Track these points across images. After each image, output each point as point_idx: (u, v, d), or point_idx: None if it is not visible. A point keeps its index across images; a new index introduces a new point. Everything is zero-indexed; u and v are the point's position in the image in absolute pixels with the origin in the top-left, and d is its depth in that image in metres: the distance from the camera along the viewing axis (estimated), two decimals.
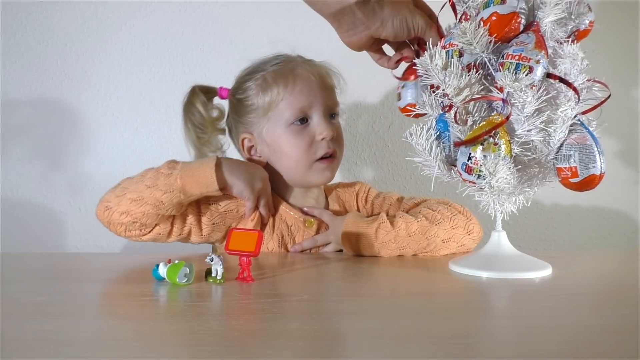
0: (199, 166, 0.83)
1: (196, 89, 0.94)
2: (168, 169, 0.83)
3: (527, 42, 0.68)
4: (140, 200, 0.81)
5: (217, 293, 0.63)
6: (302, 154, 0.89)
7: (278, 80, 0.89)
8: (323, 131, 0.88)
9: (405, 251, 0.85)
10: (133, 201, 0.81)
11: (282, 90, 0.89)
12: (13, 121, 1.28)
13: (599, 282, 0.73)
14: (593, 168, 0.66)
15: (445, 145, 0.74)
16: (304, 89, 0.89)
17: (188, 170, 0.82)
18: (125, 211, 0.82)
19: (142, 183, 0.82)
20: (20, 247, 1.26)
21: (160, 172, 0.82)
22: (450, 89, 0.70)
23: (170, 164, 0.84)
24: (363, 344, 0.46)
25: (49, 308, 0.56)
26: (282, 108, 0.89)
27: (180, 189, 0.81)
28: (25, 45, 1.28)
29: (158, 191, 0.81)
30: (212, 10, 1.31)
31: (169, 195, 0.81)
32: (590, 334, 0.50)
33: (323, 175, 0.91)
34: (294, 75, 0.89)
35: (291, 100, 0.88)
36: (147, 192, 0.81)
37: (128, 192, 0.82)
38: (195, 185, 0.82)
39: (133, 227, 0.83)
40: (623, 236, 1.41)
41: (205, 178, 0.82)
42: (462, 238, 0.87)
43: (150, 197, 0.81)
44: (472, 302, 0.62)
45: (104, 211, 0.83)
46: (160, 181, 0.81)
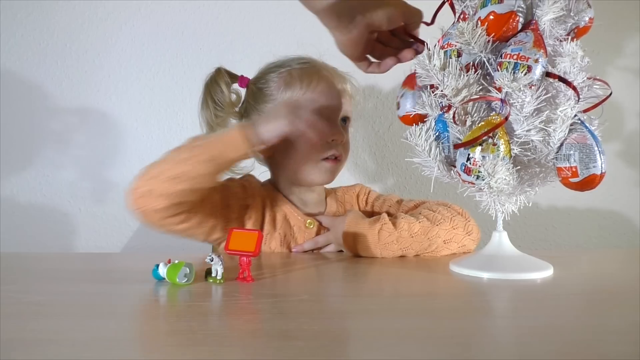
0: (226, 131, 0.82)
1: (222, 70, 0.98)
2: (196, 140, 0.80)
3: (526, 41, 0.67)
4: (177, 177, 0.77)
5: (217, 293, 0.63)
6: (312, 150, 0.90)
7: (303, 78, 0.92)
8: (335, 133, 0.90)
9: (407, 252, 0.85)
10: (170, 180, 0.77)
11: (305, 87, 0.91)
12: (13, 121, 1.27)
13: (599, 283, 0.73)
14: (593, 167, 0.65)
15: (444, 146, 0.74)
16: (325, 91, 0.92)
17: (217, 136, 0.81)
18: (163, 192, 0.78)
19: (172, 160, 0.79)
20: (20, 247, 1.26)
21: (188, 146, 0.80)
22: (448, 89, 0.69)
23: (197, 136, 0.82)
24: (363, 344, 0.46)
25: (49, 308, 0.56)
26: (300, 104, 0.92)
27: (214, 157, 0.78)
28: (25, 45, 1.28)
29: (192, 165, 0.77)
30: (212, 10, 1.31)
31: (204, 166, 0.78)
32: (590, 334, 0.50)
33: (325, 175, 0.93)
34: (318, 76, 0.92)
35: (311, 97, 0.91)
36: (182, 168, 0.77)
37: (161, 173, 0.78)
38: (227, 150, 0.79)
39: (168, 212, 0.80)
40: (623, 236, 1.41)
41: (236, 140, 0.79)
42: (462, 239, 0.88)
43: (186, 172, 0.77)
44: (472, 302, 0.62)
45: (138, 198, 0.79)
46: (193, 153, 0.78)
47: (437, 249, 0.87)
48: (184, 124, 1.31)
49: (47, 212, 1.29)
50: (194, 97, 1.31)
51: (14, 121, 1.27)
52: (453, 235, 0.87)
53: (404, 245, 0.84)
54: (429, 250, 0.86)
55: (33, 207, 1.28)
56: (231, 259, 0.70)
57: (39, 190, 1.29)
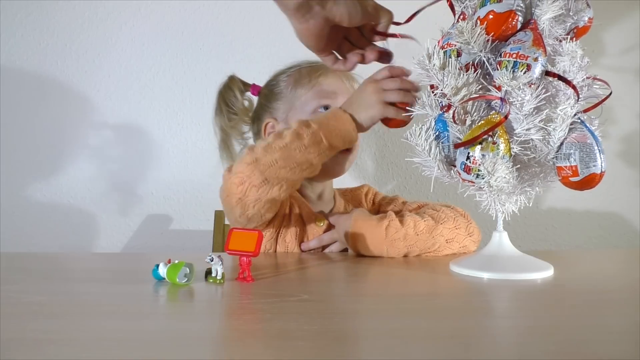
0: (335, 121, 0.83)
1: (235, 77, 1.03)
2: (306, 128, 0.81)
3: (525, 40, 0.67)
4: (296, 166, 0.80)
5: (217, 293, 0.62)
6: None
7: (312, 73, 0.97)
8: None
9: (412, 250, 0.86)
10: (290, 169, 0.80)
11: (314, 80, 0.96)
12: (13, 121, 1.27)
13: (599, 283, 0.73)
14: (594, 167, 0.65)
15: (444, 146, 0.74)
16: (332, 83, 0.96)
17: (328, 126, 0.82)
18: (284, 179, 0.81)
19: (288, 149, 0.80)
20: (20, 247, 1.26)
21: (301, 135, 0.80)
22: (448, 88, 0.70)
23: (303, 124, 0.82)
24: (363, 344, 0.46)
25: (49, 308, 0.56)
26: (310, 96, 0.96)
27: (329, 146, 0.81)
28: (25, 45, 1.27)
29: (310, 154, 0.80)
30: (212, 10, 1.31)
31: (320, 156, 0.81)
32: (590, 334, 0.50)
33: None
34: (326, 71, 0.97)
35: (319, 89, 0.96)
36: (300, 157, 0.80)
37: (279, 160, 0.80)
38: (340, 140, 0.83)
39: (267, 202, 0.82)
40: (623, 236, 1.41)
41: (347, 131, 0.83)
42: (464, 239, 0.89)
43: (305, 161, 0.80)
44: (472, 302, 0.62)
45: (261, 186, 0.81)
46: (307, 142, 0.80)
47: (439, 248, 0.87)
48: (184, 124, 1.31)
49: (47, 212, 1.29)
50: (194, 97, 1.32)
51: (14, 121, 1.27)
52: (455, 235, 0.88)
53: (409, 242, 0.85)
54: (431, 250, 0.87)
55: (33, 207, 1.28)
56: (231, 259, 0.70)
57: (39, 190, 1.29)
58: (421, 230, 0.85)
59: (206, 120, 1.30)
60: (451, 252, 0.88)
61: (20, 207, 1.28)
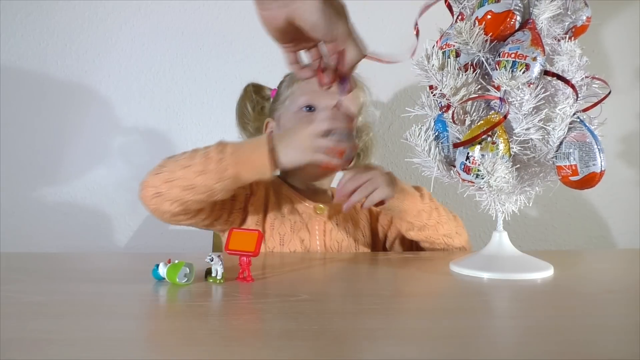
0: (251, 151, 0.79)
1: (248, 89, 1.05)
2: (218, 152, 0.79)
3: (523, 40, 0.68)
4: (192, 188, 0.78)
5: (217, 293, 0.62)
6: None
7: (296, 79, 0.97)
8: None
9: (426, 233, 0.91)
10: (184, 189, 0.78)
11: (300, 83, 0.95)
12: (13, 121, 1.27)
13: (599, 283, 0.73)
14: (593, 166, 0.66)
15: (444, 146, 0.74)
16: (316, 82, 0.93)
17: (240, 155, 0.78)
18: (177, 199, 0.79)
19: (190, 169, 0.78)
20: (20, 247, 1.26)
21: (210, 157, 0.78)
22: (447, 88, 0.70)
23: (219, 147, 0.80)
24: (363, 344, 0.46)
25: (49, 308, 0.56)
26: (297, 95, 0.95)
27: (234, 176, 0.78)
28: (25, 46, 1.27)
29: (210, 179, 0.78)
30: (212, 10, 1.31)
31: (221, 183, 0.78)
32: (590, 334, 0.50)
33: (316, 177, 0.97)
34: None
35: (304, 89, 0.94)
36: (199, 180, 0.78)
37: (177, 179, 0.79)
38: (249, 172, 0.79)
39: (180, 213, 0.82)
40: (623, 236, 1.41)
41: (261, 165, 0.78)
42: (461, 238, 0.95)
43: (202, 185, 0.78)
44: (472, 302, 0.62)
45: (153, 197, 0.80)
46: (211, 167, 0.78)
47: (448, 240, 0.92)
48: (183, 124, 1.31)
49: (47, 212, 1.29)
50: (194, 98, 1.32)
51: (14, 121, 1.27)
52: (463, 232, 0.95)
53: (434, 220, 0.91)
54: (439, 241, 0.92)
55: (33, 207, 1.28)
56: (231, 259, 0.70)
57: (39, 191, 1.29)
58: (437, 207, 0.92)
59: (206, 120, 1.31)
60: (459, 245, 0.93)
61: (20, 207, 1.28)
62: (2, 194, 1.27)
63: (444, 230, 0.91)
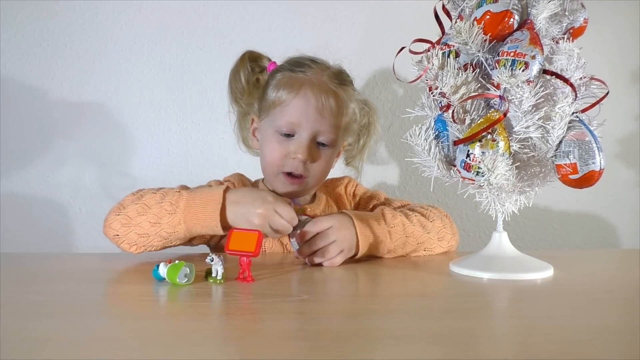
0: (203, 207, 0.78)
1: (244, 57, 1.00)
2: (171, 205, 0.78)
3: (522, 39, 0.68)
4: (146, 235, 0.79)
5: (217, 293, 0.63)
6: (273, 160, 0.90)
7: (286, 87, 0.90)
8: (298, 152, 0.88)
9: (404, 249, 0.86)
10: (140, 236, 0.79)
11: (285, 97, 0.90)
12: (13, 121, 1.27)
13: (599, 283, 0.73)
14: (593, 164, 0.66)
15: (444, 145, 0.74)
16: (301, 107, 0.88)
17: (192, 210, 0.78)
18: (134, 243, 0.80)
19: (145, 218, 0.78)
20: (20, 247, 1.26)
21: (163, 209, 0.78)
22: (447, 87, 0.70)
23: (174, 197, 0.79)
24: (363, 344, 0.46)
25: (49, 308, 0.56)
26: (278, 113, 0.90)
27: (185, 230, 0.78)
28: (26, 46, 1.27)
29: (162, 231, 0.78)
30: (212, 10, 1.31)
31: (173, 235, 0.79)
32: (590, 334, 0.50)
33: (285, 188, 0.91)
34: (299, 89, 0.89)
35: (286, 111, 0.89)
36: (152, 230, 0.78)
37: (133, 225, 0.79)
38: (199, 227, 0.79)
39: (141, 251, 0.82)
40: (623, 237, 1.41)
41: (210, 222, 0.78)
42: (450, 238, 0.91)
43: (155, 234, 0.79)
44: (472, 302, 0.62)
45: (113, 237, 0.81)
46: (164, 220, 0.78)
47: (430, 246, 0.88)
48: (184, 125, 1.31)
49: (47, 212, 1.28)
50: (194, 98, 1.32)
51: (14, 121, 1.27)
52: (444, 235, 0.90)
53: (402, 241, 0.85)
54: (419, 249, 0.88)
55: (33, 207, 1.28)
56: (231, 259, 0.70)
57: (39, 191, 1.29)
58: (411, 232, 0.86)
59: (206, 120, 1.31)
60: (441, 251, 0.90)
61: (20, 207, 1.28)
62: (2, 194, 1.27)
63: (423, 246, 0.87)
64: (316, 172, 0.91)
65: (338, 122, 0.91)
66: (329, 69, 0.93)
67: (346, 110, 0.93)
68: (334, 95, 0.90)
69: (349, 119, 0.95)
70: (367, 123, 1.04)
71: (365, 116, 1.03)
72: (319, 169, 0.91)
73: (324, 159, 0.92)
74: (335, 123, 0.90)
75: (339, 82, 0.92)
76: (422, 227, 0.87)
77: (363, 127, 1.03)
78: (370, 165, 1.37)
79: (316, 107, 0.88)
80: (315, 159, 0.90)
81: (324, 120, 0.89)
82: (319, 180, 0.94)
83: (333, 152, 0.94)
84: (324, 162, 0.92)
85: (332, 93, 0.90)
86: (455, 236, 0.92)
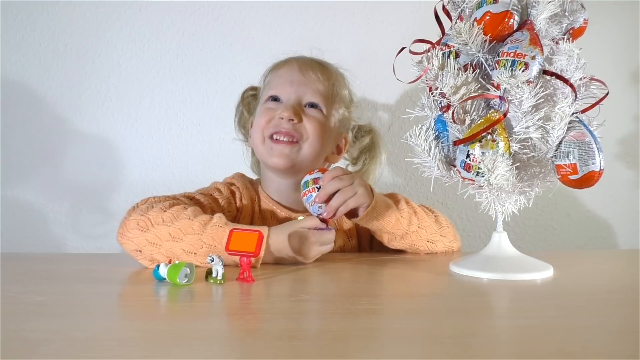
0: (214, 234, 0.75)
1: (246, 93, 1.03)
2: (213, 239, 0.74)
3: (522, 40, 0.68)
4: (175, 256, 0.74)
5: (218, 293, 0.63)
6: (260, 127, 0.91)
7: (272, 70, 0.96)
8: (283, 111, 0.88)
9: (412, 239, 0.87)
10: (166, 257, 0.74)
11: (270, 76, 0.95)
12: (13, 121, 1.27)
13: (599, 283, 0.73)
14: (592, 164, 0.66)
15: (444, 145, 0.74)
16: (284, 73, 0.92)
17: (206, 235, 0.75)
18: (156, 260, 0.75)
19: (179, 245, 0.75)
20: (20, 247, 1.26)
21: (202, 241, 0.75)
22: (447, 87, 0.70)
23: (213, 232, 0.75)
24: (363, 344, 0.46)
25: (49, 308, 0.56)
26: (265, 90, 0.94)
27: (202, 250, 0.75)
28: (26, 46, 1.27)
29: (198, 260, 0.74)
30: (212, 11, 1.31)
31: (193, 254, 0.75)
32: (590, 334, 0.50)
33: (275, 156, 0.89)
34: (282, 63, 0.95)
35: (272, 83, 0.93)
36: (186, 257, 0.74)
37: (163, 247, 0.75)
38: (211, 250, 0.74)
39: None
40: (623, 237, 1.41)
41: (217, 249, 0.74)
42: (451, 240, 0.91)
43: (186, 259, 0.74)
44: (472, 302, 0.62)
45: (132, 251, 0.77)
46: (201, 252, 0.74)
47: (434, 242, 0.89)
48: (184, 125, 1.31)
49: (47, 212, 1.28)
50: (194, 98, 1.32)
51: (14, 121, 1.27)
52: (447, 233, 0.90)
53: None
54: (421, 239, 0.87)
55: (33, 207, 1.28)
56: (232, 259, 0.70)
57: (39, 191, 1.28)
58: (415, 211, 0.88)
59: (206, 121, 1.31)
60: (443, 248, 0.90)
61: (20, 207, 1.28)
62: (2, 194, 1.27)
63: (427, 235, 0.87)
64: (309, 133, 0.89)
65: (324, 88, 0.92)
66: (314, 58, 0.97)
67: (334, 80, 0.94)
68: (319, 66, 0.94)
69: (338, 91, 0.94)
70: (370, 144, 1.03)
71: (367, 136, 1.02)
72: (311, 129, 0.89)
73: (315, 120, 0.90)
74: (321, 88, 0.91)
75: (325, 63, 0.96)
76: (427, 216, 0.89)
77: (365, 148, 1.02)
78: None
79: (300, 71, 0.92)
80: (302, 118, 0.89)
81: (308, 83, 0.91)
82: (314, 145, 0.90)
83: (324, 119, 0.91)
84: (315, 123, 0.89)
85: (318, 64, 0.94)
86: (456, 240, 0.92)
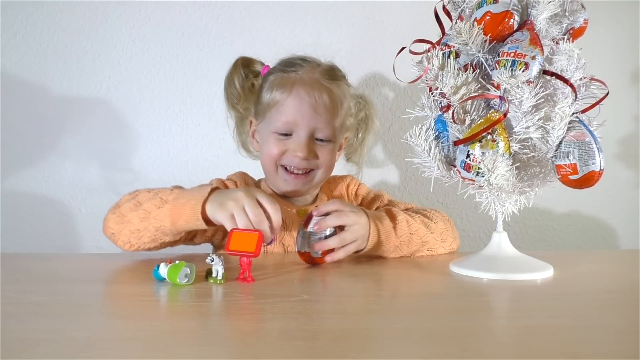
0: (188, 201, 0.78)
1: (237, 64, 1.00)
2: (161, 200, 0.80)
3: (522, 40, 0.68)
4: (137, 232, 0.80)
5: (218, 293, 0.63)
6: (272, 157, 0.92)
7: (279, 87, 0.91)
8: (297, 150, 0.89)
9: (407, 249, 0.86)
10: (132, 233, 0.81)
11: (279, 97, 0.91)
12: (13, 121, 1.28)
13: (599, 283, 0.73)
14: (592, 164, 0.66)
15: (444, 145, 0.74)
16: (295, 106, 0.89)
17: (178, 205, 0.78)
18: (127, 241, 0.82)
19: (137, 213, 0.80)
20: (20, 247, 1.26)
21: (153, 204, 0.80)
22: (447, 87, 0.70)
23: (166, 194, 0.80)
24: (363, 344, 0.46)
25: (49, 308, 0.56)
26: (274, 114, 0.91)
27: (170, 224, 0.78)
28: (26, 46, 1.28)
29: (150, 225, 0.79)
30: (212, 11, 1.31)
31: (161, 231, 0.80)
32: (590, 334, 0.50)
33: (287, 184, 0.92)
34: (291, 88, 0.90)
35: (281, 112, 0.90)
36: (142, 225, 0.80)
37: (127, 223, 0.81)
38: (184, 223, 0.79)
39: (140, 250, 0.83)
40: (623, 237, 1.41)
41: (192, 216, 0.78)
42: (452, 242, 0.92)
43: (144, 229, 0.80)
44: (472, 302, 0.62)
45: (110, 235, 0.83)
46: (152, 215, 0.79)
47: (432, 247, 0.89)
48: (184, 125, 1.31)
49: (47, 212, 1.29)
50: (195, 98, 1.32)
51: (15, 122, 1.27)
52: (446, 237, 0.90)
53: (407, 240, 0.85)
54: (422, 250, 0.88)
55: (33, 207, 1.28)
56: (232, 259, 0.70)
57: (39, 191, 1.29)
58: (415, 230, 0.86)
59: (206, 121, 1.31)
60: (443, 252, 0.90)
61: (20, 207, 1.28)
62: (2, 194, 1.27)
63: (427, 246, 0.87)
64: (322, 162, 0.92)
65: (334, 117, 0.92)
66: (320, 66, 0.94)
67: (341, 104, 0.93)
68: (326, 91, 0.91)
69: (345, 113, 0.95)
70: (365, 117, 1.04)
71: (362, 110, 1.04)
72: (324, 161, 0.93)
73: (327, 152, 0.93)
74: (330, 118, 0.91)
75: (331, 78, 0.93)
76: (426, 227, 0.87)
77: (361, 121, 1.04)
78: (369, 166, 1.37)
79: (310, 104, 0.89)
80: (315, 154, 0.91)
81: (319, 117, 0.90)
82: (327, 171, 0.95)
83: (334, 146, 0.95)
84: (327, 155, 0.93)
85: (325, 89, 0.91)
86: (456, 240, 0.93)
